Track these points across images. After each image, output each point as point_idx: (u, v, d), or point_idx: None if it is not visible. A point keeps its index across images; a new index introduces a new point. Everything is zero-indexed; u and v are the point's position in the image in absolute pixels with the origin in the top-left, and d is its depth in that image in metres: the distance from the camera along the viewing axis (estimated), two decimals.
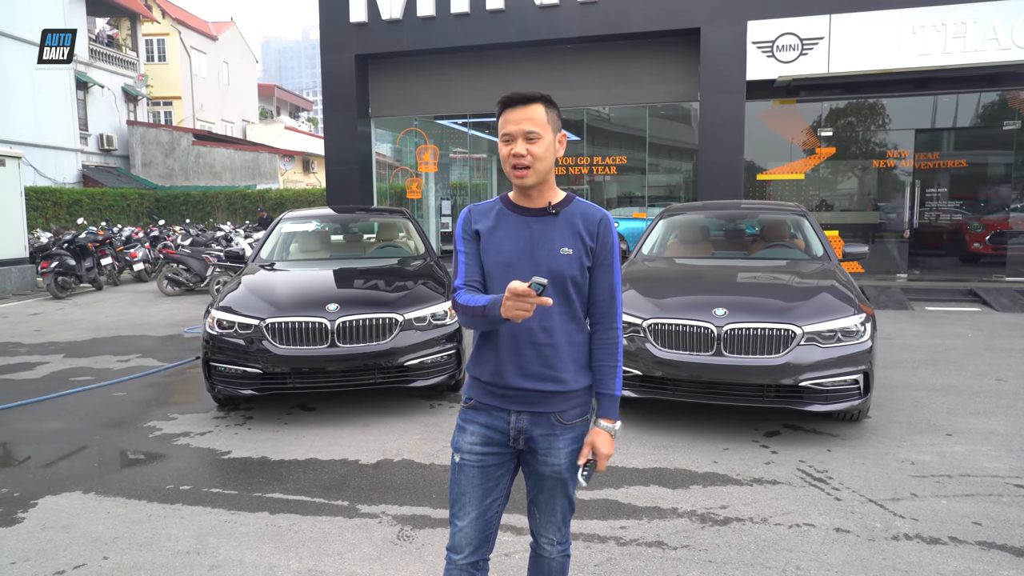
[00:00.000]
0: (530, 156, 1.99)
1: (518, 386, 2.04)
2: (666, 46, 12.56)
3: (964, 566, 3.04)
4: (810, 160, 12.48)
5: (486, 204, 2.16)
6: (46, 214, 20.48)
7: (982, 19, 10.55)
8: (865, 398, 4.56)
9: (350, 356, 5.04)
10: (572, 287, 2.03)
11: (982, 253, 11.94)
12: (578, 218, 2.06)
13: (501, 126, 2.04)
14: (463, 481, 2.10)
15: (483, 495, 2.10)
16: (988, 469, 4.09)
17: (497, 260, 2.05)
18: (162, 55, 34.67)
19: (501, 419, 2.08)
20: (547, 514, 2.17)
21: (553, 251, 2.02)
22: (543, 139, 2.01)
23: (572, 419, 2.08)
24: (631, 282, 5.33)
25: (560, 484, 2.12)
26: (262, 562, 3.20)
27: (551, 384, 2.04)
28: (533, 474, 2.13)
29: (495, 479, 2.11)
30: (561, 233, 2.04)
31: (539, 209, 2.08)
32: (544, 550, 2.21)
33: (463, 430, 2.13)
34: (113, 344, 8.29)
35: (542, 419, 2.06)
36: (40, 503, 3.88)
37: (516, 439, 2.08)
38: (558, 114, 2.07)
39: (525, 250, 2.04)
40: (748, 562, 3.11)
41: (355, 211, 8.59)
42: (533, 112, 2.01)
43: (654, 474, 4.10)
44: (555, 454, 2.07)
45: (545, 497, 2.15)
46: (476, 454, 2.09)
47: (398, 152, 15.90)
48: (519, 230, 2.06)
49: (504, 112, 2.04)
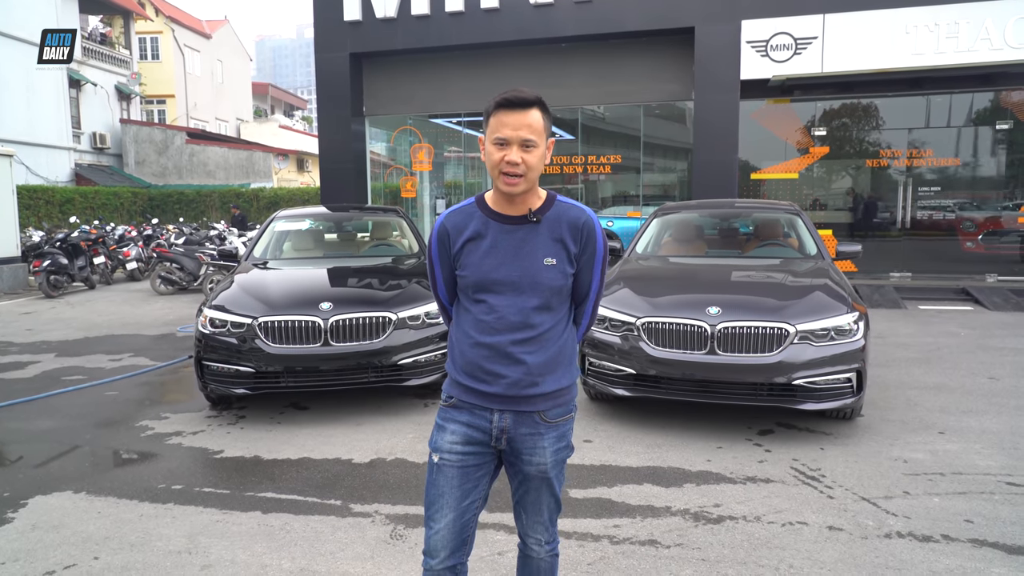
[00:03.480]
0: (524, 165, 1.90)
1: (501, 393, 1.98)
2: (660, 45, 12.57)
3: (956, 564, 3.05)
4: (804, 159, 12.51)
5: (461, 214, 2.04)
6: (38, 213, 20.38)
7: (975, 19, 10.58)
8: (858, 396, 4.57)
9: (343, 355, 5.03)
10: (555, 296, 2.00)
11: (974, 252, 11.98)
12: (562, 223, 1.99)
13: (494, 128, 1.91)
14: (441, 482, 2.03)
15: (461, 496, 2.03)
16: (980, 467, 4.11)
17: (479, 276, 1.99)
18: (155, 53, 34.53)
19: (483, 418, 2.02)
20: (534, 515, 2.13)
21: (536, 262, 1.96)
22: (539, 148, 1.92)
23: (556, 417, 2.05)
24: (625, 280, 5.33)
25: (546, 483, 2.08)
26: (254, 562, 3.18)
27: (531, 388, 1.99)
28: (518, 475, 2.09)
29: (475, 480, 2.05)
30: (544, 242, 1.97)
31: (521, 217, 1.99)
32: (532, 551, 2.17)
33: (443, 429, 2.06)
34: (105, 343, 8.25)
35: (526, 418, 2.01)
36: (30, 503, 3.86)
37: (499, 439, 2.03)
38: (551, 118, 2.00)
39: (509, 264, 1.97)
40: (741, 560, 3.11)
41: (349, 210, 8.58)
42: (532, 118, 1.90)
43: (647, 472, 4.10)
44: (540, 453, 2.03)
45: (532, 498, 2.11)
46: (456, 454, 2.03)
47: (392, 151, 15.86)
48: (500, 242, 1.98)
49: (499, 113, 1.91)
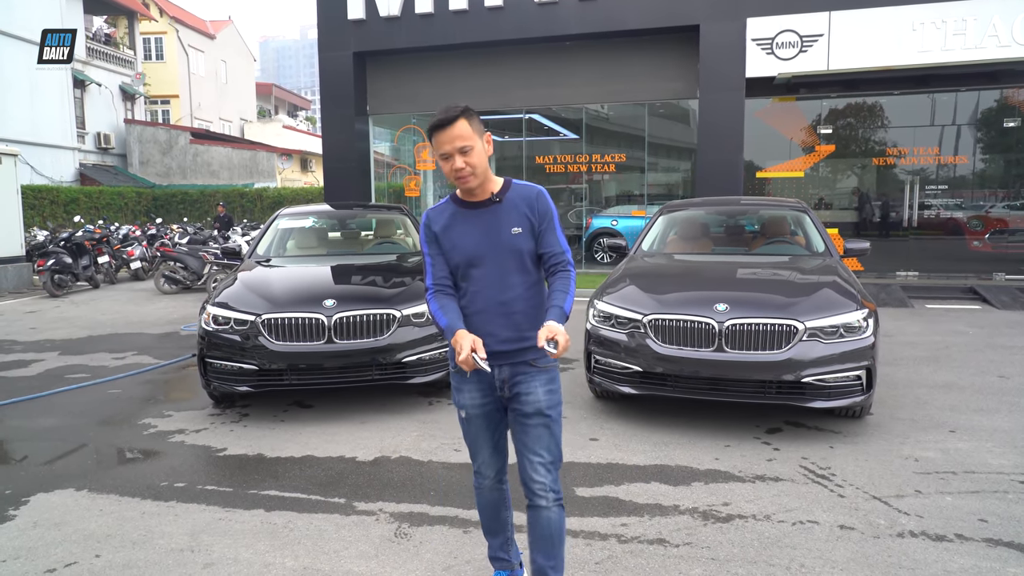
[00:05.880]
0: (468, 166, 2.35)
1: (497, 350, 2.43)
2: (665, 43, 12.52)
3: (971, 563, 3.00)
4: (809, 158, 12.45)
5: (440, 206, 2.54)
6: (43, 212, 20.39)
7: (982, 16, 10.52)
8: (868, 394, 4.51)
9: (347, 352, 4.99)
10: (528, 258, 2.45)
11: (981, 251, 11.90)
12: (519, 200, 2.45)
13: (436, 147, 2.37)
14: (473, 429, 2.57)
15: (491, 433, 2.57)
16: (993, 466, 4.05)
17: (463, 256, 2.44)
18: (160, 54, 34.54)
19: (488, 375, 2.44)
20: (535, 452, 2.46)
21: (505, 233, 2.42)
22: (475, 148, 2.35)
23: (544, 363, 2.47)
24: (631, 277, 5.28)
25: (543, 421, 2.45)
26: (257, 560, 3.15)
27: (522, 342, 2.44)
28: (519, 416, 2.48)
29: (497, 420, 2.56)
30: (508, 216, 2.43)
31: (485, 201, 2.45)
32: (539, 498, 2.45)
33: (460, 390, 2.54)
34: (109, 342, 8.23)
35: (520, 366, 2.46)
36: (32, 500, 3.83)
37: (503, 388, 2.48)
38: (478, 119, 2.39)
39: (483, 239, 2.42)
40: (751, 560, 3.06)
41: (352, 207, 8.54)
42: (460, 129, 2.32)
43: (655, 471, 4.05)
44: (534, 391, 2.45)
45: (532, 435, 2.46)
46: (478, 405, 2.52)
47: (396, 150, 15.84)
48: (474, 224, 2.44)
49: (435, 135, 2.35)
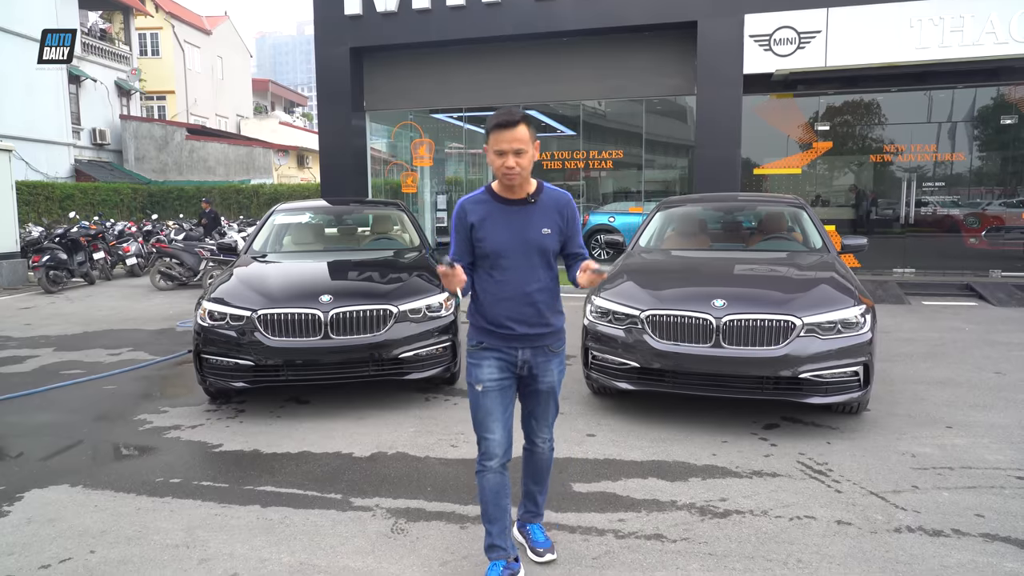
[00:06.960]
0: (519, 167, 2.63)
1: (523, 333, 2.74)
2: (663, 39, 12.50)
3: (968, 558, 3.00)
4: (807, 155, 12.44)
5: (476, 197, 2.78)
6: (38, 208, 20.32)
7: (980, 13, 10.50)
8: (865, 390, 4.51)
9: (344, 348, 4.97)
10: (551, 256, 2.77)
11: (978, 248, 11.91)
12: (551, 203, 2.77)
13: (493, 143, 2.62)
14: (488, 403, 2.75)
15: (503, 410, 2.77)
16: (990, 461, 4.05)
17: (494, 247, 2.70)
18: (155, 49, 34.42)
19: (509, 354, 2.77)
20: (543, 419, 2.92)
21: (537, 232, 2.72)
22: (528, 152, 2.64)
23: (557, 348, 2.86)
24: (628, 273, 5.27)
25: (552, 394, 2.87)
26: (253, 555, 3.13)
27: (545, 328, 2.78)
28: (532, 393, 2.86)
29: (510, 397, 2.81)
30: (540, 217, 2.74)
31: (521, 200, 2.74)
32: (538, 447, 2.96)
33: (479, 366, 2.77)
34: (104, 338, 8.20)
35: (540, 350, 2.80)
36: (26, 496, 3.81)
37: (522, 367, 2.79)
38: (534, 126, 2.68)
39: (516, 234, 2.71)
40: (749, 555, 3.05)
41: (349, 203, 8.51)
42: (520, 133, 2.59)
43: (652, 466, 4.05)
44: (549, 374, 2.83)
45: (542, 408, 2.89)
46: (495, 380, 2.75)
47: (393, 146, 15.79)
48: (509, 218, 2.72)
49: (495, 131, 2.61)
